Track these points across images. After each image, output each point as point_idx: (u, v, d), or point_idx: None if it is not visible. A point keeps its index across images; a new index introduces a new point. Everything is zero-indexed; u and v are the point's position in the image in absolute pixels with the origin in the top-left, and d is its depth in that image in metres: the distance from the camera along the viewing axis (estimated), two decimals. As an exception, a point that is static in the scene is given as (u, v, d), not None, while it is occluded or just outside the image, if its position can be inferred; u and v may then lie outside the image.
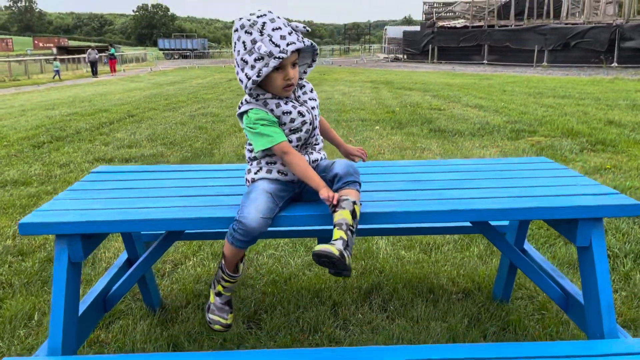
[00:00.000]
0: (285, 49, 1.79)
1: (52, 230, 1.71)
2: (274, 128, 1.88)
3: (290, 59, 1.85)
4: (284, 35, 1.81)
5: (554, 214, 1.78)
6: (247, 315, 2.69)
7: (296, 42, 1.83)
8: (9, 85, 24.29)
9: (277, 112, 1.90)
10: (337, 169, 1.86)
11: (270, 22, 1.82)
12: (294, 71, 1.88)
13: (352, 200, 1.77)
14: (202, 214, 1.77)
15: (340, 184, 1.83)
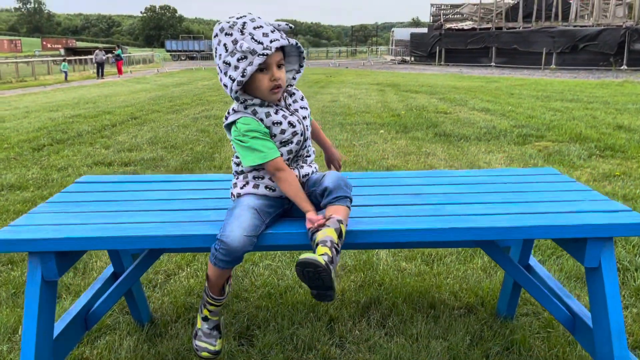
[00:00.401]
0: (269, 45, 1.69)
1: (23, 247, 1.61)
2: (266, 142, 1.77)
3: (274, 58, 1.75)
4: (266, 32, 1.71)
5: (561, 233, 1.66)
6: (239, 331, 2.58)
7: (280, 39, 1.73)
8: (16, 86, 24.36)
9: (267, 122, 1.79)
10: (327, 182, 1.75)
11: (251, 22, 1.73)
12: (281, 72, 1.78)
13: (337, 219, 1.65)
14: (182, 231, 1.66)
15: (330, 198, 1.71)
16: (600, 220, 1.70)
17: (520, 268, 1.94)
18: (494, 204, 1.89)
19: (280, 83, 1.77)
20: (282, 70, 1.78)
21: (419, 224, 1.69)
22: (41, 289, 1.65)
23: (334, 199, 1.70)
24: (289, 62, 1.91)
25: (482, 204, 1.89)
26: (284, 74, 1.79)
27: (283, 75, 1.79)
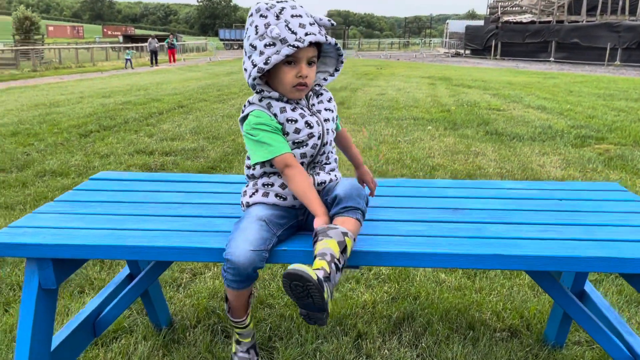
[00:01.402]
0: (302, 38, 1.50)
1: (19, 252, 1.49)
2: (277, 136, 1.58)
3: (306, 53, 1.56)
4: (303, 23, 1.52)
5: (625, 267, 1.39)
6: (260, 342, 2.42)
7: (316, 34, 1.53)
8: (75, 71, 25.17)
9: (280, 118, 1.60)
10: (339, 189, 1.54)
11: (291, 9, 1.54)
12: (310, 70, 1.58)
13: (342, 230, 1.43)
14: (188, 242, 1.50)
15: (338, 208, 1.50)
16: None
17: (571, 297, 1.68)
18: (546, 225, 1.64)
19: (306, 81, 1.58)
20: (312, 68, 1.60)
21: (456, 248, 1.46)
22: (38, 297, 1.53)
23: (342, 209, 1.50)
24: (324, 63, 1.72)
25: (531, 224, 1.64)
26: (313, 73, 1.60)
27: (312, 73, 1.60)
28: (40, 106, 11.06)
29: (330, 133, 1.69)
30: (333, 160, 1.76)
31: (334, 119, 1.74)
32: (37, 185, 4.90)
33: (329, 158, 1.73)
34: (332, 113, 1.73)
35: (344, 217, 1.48)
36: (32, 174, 5.28)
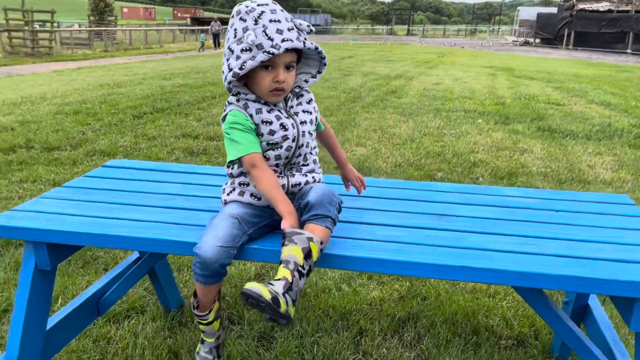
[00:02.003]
0: (278, 44, 1.51)
1: (16, 235, 1.61)
2: (249, 135, 1.61)
3: (283, 59, 1.57)
4: (281, 29, 1.53)
5: (597, 288, 1.33)
6: (262, 331, 2.49)
7: (293, 40, 1.54)
8: (142, 52, 26.14)
9: (256, 118, 1.62)
10: (311, 195, 1.54)
11: (270, 13, 1.54)
12: (288, 75, 1.59)
13: (307, 236, 1.45)
14: (168, 235, 1.57)
15: (309, 215, 1.52)
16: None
17: (557, 314, 1.61)
18: (530, 238, 1.58)
19: (283, 86, 1.60)
20: (291, 72, 1.61)
21: (425, 257, 1.45)
22: (34, 277, 1.65)
23: (312, 217, 1.51)
24: (307, 65, 1.73)
25: (514, 236, 1.59)
26: (291, 77, 1.61)
27: (290, 78, 1.61)
28: (104, 86, 11.60)
29: (306, 135, 1.70)
30: (311, 162, 1.76)
31: (313, 120, 1.74)
32: (86, 164, 5.18)
33: (307, 159, 1.74)
34: (311, 115, 1.73)
35: (314, 224, 1.49)
36: (83, 152, 5.58)
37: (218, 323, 1.73)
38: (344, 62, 19.47)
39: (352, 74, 14.83)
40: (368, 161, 5.49)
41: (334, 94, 10.47)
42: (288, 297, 1.39)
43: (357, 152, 5.89)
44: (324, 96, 10.16)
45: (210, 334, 1.72)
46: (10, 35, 21.99)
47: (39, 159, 5.33)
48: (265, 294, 1.34)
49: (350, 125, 7.36)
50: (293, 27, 1.56)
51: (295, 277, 1.41)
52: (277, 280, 1.41)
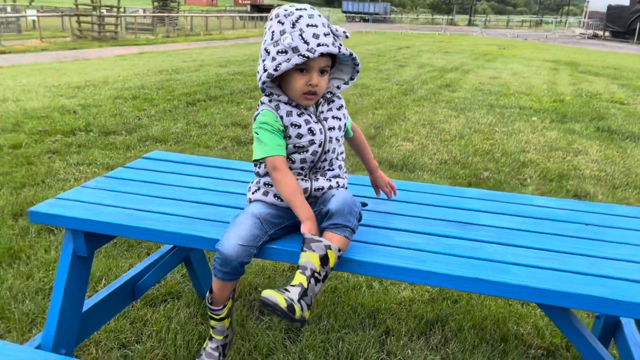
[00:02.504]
0: (314, 49, 1.54)
1: (57, 222, 1.73)
2: (275, 137, 1.65)
3: (318, 63, 1.59)
4: (317, 34, 1.55)
5: (615, 308, 1.29)
6: (290, 324, 2.54)
7: (329, 45, 1.56)
8: (202, 39, 26.72)
9: (285, 121, 1.66)
10: (332, 203, 1.57)
11: (308, 17, 1.58)
12: (322, 79, 1.62)
13: (325, 244, 1.49)
14: (193, 230, 1.64)
15: (328, 224, 1.55)
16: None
17: (583, 337, 1.56)
18: (553, 252, 1.55)
19: (316, 90, 1.63)
20: (324, 77, 1.63)
21: (438, 266, 1.45)
22: (72, 262, 1.77)
23: (332, 225, 1.54)
24: (340, 71, 1.75)
25: (536, 249, 1.56)
26: (324, 82, 1.64)
27: (324, 82, 1.64)
28: (163, 72, 11.98)
29: (333, 141, 1.71)
30: (337, 167, 1.77)
31: (341, 127, 1.75)
32: (138, 149, 5.40)
33: (332, 164, 1.75)
34: (340, 121, 1.74)
35: (332, 233, 1.53)
36: (137, 138, 5.82)
37: (228, 322, 1.78)
38: (399, 53, 19.23)
39: (407, 65, 14.64)
40: (413, 157, 5.45)
41: (386, 86, 10.39)
42: (303, 303, 1.45)
43: (404, 147, 5.85)
44: (376, 88, 10.10)
45: (219, 331, 1.78)
46: (80, 20, 22.97)
47: (96, 143, 5.59)
48: (281, 302, 1.40)
49: (399, 119, 7.30)
50: (329, 32, 1.58)
51: (310, 284, 1.47)
52: (293, 286, 1.47)
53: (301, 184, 1.69)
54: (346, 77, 1.73)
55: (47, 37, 21.60)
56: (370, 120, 7.11)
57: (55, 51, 17.71)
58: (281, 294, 1.43)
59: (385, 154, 5.49)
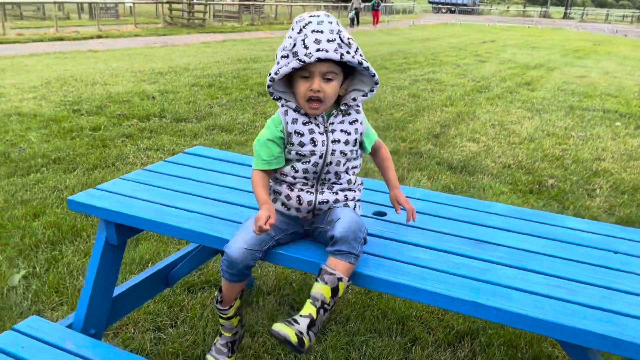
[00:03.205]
0: (311, 53, 1.53)
1: (91, 211, 1.86)
2: (265, 149, 1.70)
3: (319, 68, 1.59)
4: (319, 39, 1.55)
5: (620, 348, 1.22)
6: (318, 322, 2.58)
7: (329, 51, 1.54)
8: (286, 27, 27.08)
9: (289, 127, 1.68)
10: (337, 229, 1.56)
11: (316, 24, 1.58)
12: (326, 86, 1.60)
13: (338, 277, 1.53)
14: (208, 230, 1.71)
15: (333, 249, 1.56)
16: None
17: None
18: (566, 280, 1.47)
19: (319, 96, 1.60)
20: (329, 83, 1.61)
21: (439, 286, 1.42)
22: (104, 250, 1.90)
23: (336, 252, 1.55)
24: (362, 82, 1.70)
25: (548, 276, 1.49)
26: (330, 88, 1.61)
27: (329, 89, 1.61)
28: (241, 61, 12.34)
29: (337, 154, 1.68)
30: (346, 182, 1.74)
31: (350, 141, 1.70)
32: (204, 137, 5.63)
33: (340, 178, 1.73)
34: (349, 136, 1.70)
35: (337, 259, 1.55)
36: (205, 126, 6.05)
37: (237, 320, 1.84)
38: (482, 47, 18.55)
39: (488, 61, 14.13)
40: (476, 159, 5.29)
41: (461, 82, 10.10)
42: (311, 333, 1.52)
43: (467, 148, 5.69)
44: (450, 84, 9.85)
45: (228, 328, 1.84)
46: (171, 7, 24.06)
47: (167, 129, 5.89)
48: (292, 337, 1.47)
49: (468, 118, 7.09)
50: (335, 39, 1.56)
51: (319, 314, 1.53)
52: (303, 317, 1.53)
53: (305, 196, 1.70)
54: (366, 88, 1.71)
55: (141, 23, 22.84)
56: (437, 118, 6.96)
57: (146, 37, 18.69)
58: (291, 327, 1.49)
59: (447, 155, 5.37)
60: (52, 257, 3.04)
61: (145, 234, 3.33)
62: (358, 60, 1.58)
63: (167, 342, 2.39)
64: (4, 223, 3.42)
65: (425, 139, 5.94)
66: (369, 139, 1.80)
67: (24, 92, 7.62)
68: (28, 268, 2.92)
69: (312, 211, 1.72)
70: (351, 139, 1.70)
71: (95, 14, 22.75)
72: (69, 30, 18.42)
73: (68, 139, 5.34)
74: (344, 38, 1.58)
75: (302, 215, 1.73)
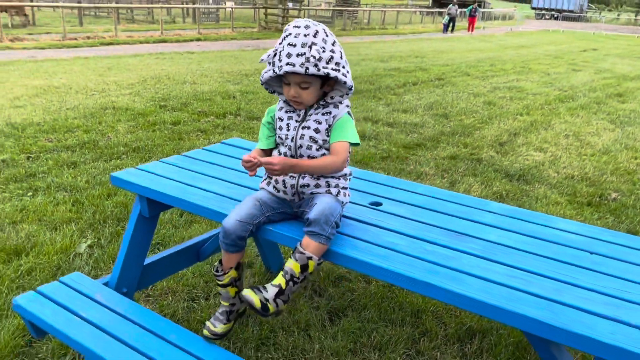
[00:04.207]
0: (281, 67, 1.75)
1: (128, 187, 2.17)
2: (264, 130, 1.98)
3: (293, 78, 1.79)
4: (290, 53, 1.74)
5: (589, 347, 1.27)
6: (337, 308, 2.76)
7: (295, 65, 1.72)
8: (376, 33, 27.29)
9: (277, 114, 1.95)
10: (312, 212, 1.76)
11: (294, 37, 1.75)
12: (303, 92, 1.81)
13: (307, 256, 1.73)
14: (218, 207, 1.95)
15: (307, 230, 1.75)
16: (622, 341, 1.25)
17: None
18: (526, 272, 1.53)
19: (297, 100, 1.83)
20: (306, 90, 1.80)
21: (401, 267, 1.55)
22: (137, 221, 2.21)
23: (309, 232, 1.74)
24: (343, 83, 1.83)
25: (512, 268, 1.56)
26: (307, 94, 1.81)
27: (305, 95, 1.81)
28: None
29: (305, 139, 1.85)
30: None
31: (320, 129, 1.85)
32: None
33: None
34: (320, 125, 1.85)
35: (310, 239, 1.74)
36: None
37: (233, 290, 2.02)
38: (580, 56, 17.61)
39: (582, 70, 13.44)
40: (538, 168, 5.17)
41: (545, 91, 9.74)
42: (279, 301, 1.75)
43: (532, 157, 5.56)
44: (532, 92, 9.54)
45: (225, 297, 2.03)
46: (267, 12, 25.09)
47: (239, 126, 6.29)
48: (256, 303, 1.71)
49: (541, 127, 6.89)
50: (304, 53, 1.72)
51: (289, 285, 1.75)
52: (273, 286, 1.75)
53: (288, 180, 1.89)
54: (345, 90, 1.86)
55: (238, 27, 24.03)
56: (507, 126, 6.83)
57: (241, 40, 19.67)
58: (258, 294, 1.73)
59: (507, 162, 5.30)
60: (116, 231, 3.45)
61: (198, 217, 3.68)
62: (324, 72, 1.73)
63: (197, 311, 2.68)
64: (82, 200, 3.91)
65: (489, 146, 5.88)
66: (333, 136, 1.88)
67: (122, 88, 8.41)
68: (94, 239, 3.35)
69: (297, 194, 1.91)
70: (322, 127, 1.86)
71: (197, 18, 24.24)
72: (173, 33, 19.80)
73: (150, 131, 5.89)
74: (317, 52, 1.73)
75: (289, 197, 1.92)
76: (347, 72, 1.80)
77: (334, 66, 1.76)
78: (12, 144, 5.18)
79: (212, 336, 1.94)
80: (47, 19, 23.95)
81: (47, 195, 3.99)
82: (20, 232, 3.40)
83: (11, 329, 2.43)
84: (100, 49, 14.89)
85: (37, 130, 5.69)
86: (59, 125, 5.90)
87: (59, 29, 18.29)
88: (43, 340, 2.40)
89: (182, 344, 1.76)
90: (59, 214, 3.67)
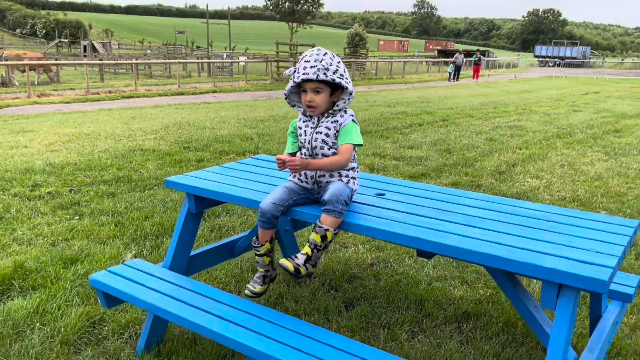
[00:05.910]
0: (299, 76, 2.28)
1: (179, 187, 2.68)
2: (290, 138, 2.48)
3: (309, 85, 2.30)
4: (305, 66, 2.27)
5: (499, 263, 1.76)
6: (350, 298, 3.19)
7: (308, 74, 2.24)
8: (383, 82, 28.30)
9: (298, 124, 2.45)
10: (326, 194, 2.24)
11: (308, 56, 2.29)
12: (316, 97, 2.30)
13: (325, 228, 2.20)
14: (249, 195, 2.46)
15: (323, 208, 2.23)
16: (560, 266, 1.70)
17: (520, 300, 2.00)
18: (495, 232, 1.99)
19: (312, 104, 2.31)
20: (319, 95, 2.30)
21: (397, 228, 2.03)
22: (186, 216, 2.70)
23: (325, 210, 2.22)
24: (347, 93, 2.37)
25: (486, 230, 2.01)
26: (319, 98, 2.30)
27: (318, 99, 2.30)
28: (335, 110, 13.35)
29: (318, 141, 2.35)
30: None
31: (329, 134, 2.34)
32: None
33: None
34: (329, 130, 2.35)
35: (326, 215, 2.22)
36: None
37: (268, 259, 2.52)
38: (581, 98, 18.24)
39: (582, 110, 14.01)
40: (533, 192, 5.62)
41: (544, 129, 10.27)
42: (308, 265, 2.24)
43: (528, 183, 6.02)
44: (532, 130, 10.07)
45: (261, 264, 2.52)
46: (278, 65, 26.30)
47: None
48: (290, 267, 2.22)
49: (539, 159, 7.37)
50: (316, 65, 2.24)
51: (314, 252, 2.25)
52: (302, 254, 2.25)
53: (309, 173, 2.40)
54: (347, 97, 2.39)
55: (251, 80, 25.17)
56: (506, 158, 7.33)
57: (254, 91, 20.63)
58: (291, 261, 2.23)
59: (505, 187, 5.77)
60: (155, 244, 3.95)
61: (246, 219, 4.17)
62: (331, 78, 2.26)
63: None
64: (123, 222, 4.43)
65: (489, 174, 6.36)
66: (340, 139, 2.38)
67: (147, 134, 9.07)
68: (137, 250, 3.84)
69: (316, 183, 2.41)
70: (331, 132, 2.37)
71: (212, 72, 25.46)
72: (189, 86, 20.86)
73: (177, 167, 6.46)
74: (326, 64, 2.25)
75: (310, 186, 2.43)
76: (348, 81, 2.33)
77: (338, 76, 2.29)
78: (55, 180, 5.76)
79: (252, 295, 2.48)
80: (69, 77, 25.34)
81: (92, 219, 4.51)
82: (73, 246, 3.90)
83: (78, 313, 2.90)
84: (122, 101, 15.80)
85: (74, 169, 6.28)
86: (94, 165, 6.50)
87: (82, 84, 19.44)
88: (104, 325, 2.85)
89: (227, 301, 2.22)
90: (105, 232, 4.18)
